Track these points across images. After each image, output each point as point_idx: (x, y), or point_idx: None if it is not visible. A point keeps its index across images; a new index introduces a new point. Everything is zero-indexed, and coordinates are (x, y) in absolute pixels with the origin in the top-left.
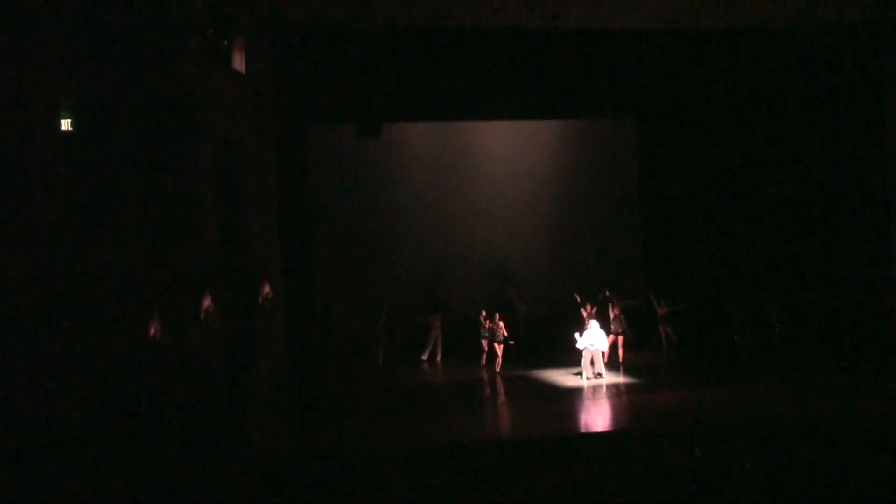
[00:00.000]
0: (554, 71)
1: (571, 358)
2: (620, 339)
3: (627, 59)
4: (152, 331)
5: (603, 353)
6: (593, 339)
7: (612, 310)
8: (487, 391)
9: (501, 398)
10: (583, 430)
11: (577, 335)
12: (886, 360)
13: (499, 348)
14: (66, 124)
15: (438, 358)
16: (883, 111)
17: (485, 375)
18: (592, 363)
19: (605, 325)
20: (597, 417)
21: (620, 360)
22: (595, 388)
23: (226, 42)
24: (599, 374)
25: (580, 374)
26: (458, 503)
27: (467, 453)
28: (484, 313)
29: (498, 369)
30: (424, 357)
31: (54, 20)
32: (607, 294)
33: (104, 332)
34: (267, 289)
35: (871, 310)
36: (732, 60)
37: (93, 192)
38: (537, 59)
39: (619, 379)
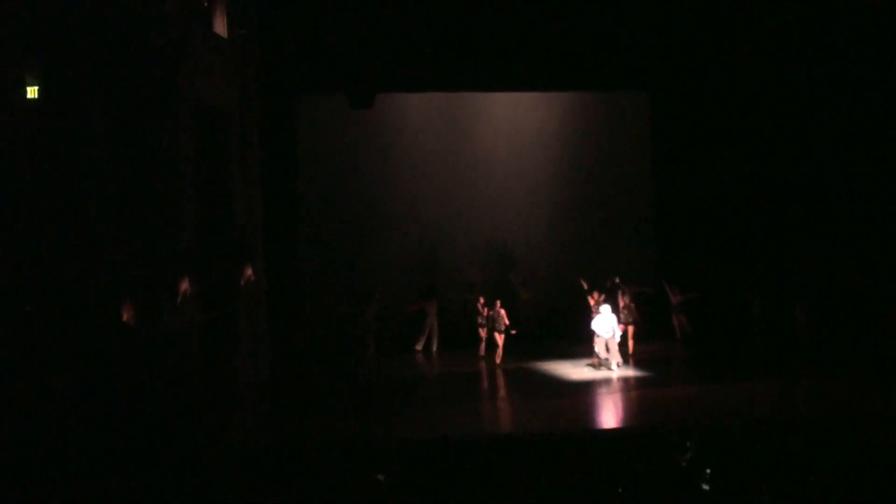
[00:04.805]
0: (560, 38)
1: (577, 349)
2: (631, 329)
3: (640, 26)
4: (125, 316)
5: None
6: (605, 325)
7: (622, 298)
8: (486, 384)
9: (501, 392)
10: (589, 427)
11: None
12: None
13: (499, 338)
14: (31, 92)
15: (434, 348)
16: None
17: (484, 367)
18: (608, 349)
19: (615, 315)
20: (605, 413)
21: (630, 352)
22: (603, 382)
23: (206, 3)
24: (607, 361)
25: (593, 364)
26: (453, 503)
27: (464, 450)
28: (482, 300)
29: (498, 361)
30: (419, 347)
31: None
32: (617, 281)
33: (73, 318)
34: (249, 272)
35: None
36: (754, 29)
37: (60, 167)
38: (542, 26)
39: (630, 372)
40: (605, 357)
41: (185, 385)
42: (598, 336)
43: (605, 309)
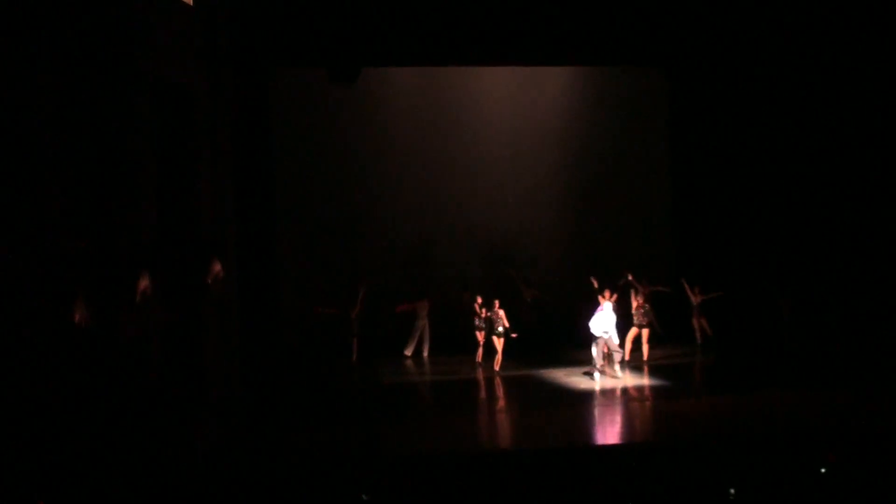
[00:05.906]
0: (568, 6)
1: (585, 355)
2: (645, 332)
3: None
4: (77, 318)
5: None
6: (606, 324)
7: (636, 297)
8: (483, 394)
9: (501, 402)
10: (598, 442)
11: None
12: None
13: (498, 342)
14: None
15: (425, 353)
16: None
17: (481, 374)
18: (608, 356)
19: (628, 316)
20: (615, 427)
21: (645, 357)
22: (612, 391)
23: None
24: (613, 374)
25: (589, 373)
26: None
27: (459, 466)
28: (480, 300)
29: (497, 367)
30: (408, 352)
31: None
32: (630, 278)
33: (18, 319)
34: (218, 267)
35: None
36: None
37: (5, 152)
38: None
39: (644, 381)
40: (602, 364)
41: (145, 396)
42: (595, 337)
43: (607, 306)
